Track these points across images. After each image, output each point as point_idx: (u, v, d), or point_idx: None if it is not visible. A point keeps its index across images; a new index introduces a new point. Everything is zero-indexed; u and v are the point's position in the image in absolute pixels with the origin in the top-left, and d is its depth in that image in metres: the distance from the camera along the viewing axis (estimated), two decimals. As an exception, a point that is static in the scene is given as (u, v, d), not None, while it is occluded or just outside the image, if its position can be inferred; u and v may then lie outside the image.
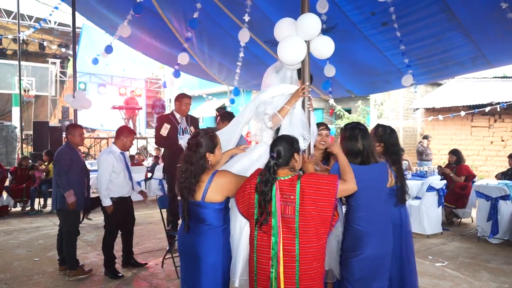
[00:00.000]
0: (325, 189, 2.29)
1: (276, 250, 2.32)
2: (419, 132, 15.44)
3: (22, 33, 13.46)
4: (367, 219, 2.71)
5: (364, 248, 2.67)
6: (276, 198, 2.35)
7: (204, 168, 2.56)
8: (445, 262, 5.15)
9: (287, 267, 2.30)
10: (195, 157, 2.55)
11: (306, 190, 2.30)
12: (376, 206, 2.77)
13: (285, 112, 2.89)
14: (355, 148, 2.76)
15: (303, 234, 2.30)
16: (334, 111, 13.47)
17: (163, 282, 4.48)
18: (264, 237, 2.39)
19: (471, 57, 5.72)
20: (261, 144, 3.01)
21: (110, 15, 6.82)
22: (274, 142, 2.53)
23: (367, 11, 5.07)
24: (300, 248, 2.30)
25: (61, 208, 4.58)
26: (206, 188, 2.50)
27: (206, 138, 2.60)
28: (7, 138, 13.87)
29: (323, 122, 3.84)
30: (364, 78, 7.18)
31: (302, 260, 2.29)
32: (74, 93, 7.04)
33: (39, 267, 4.97)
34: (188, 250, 2.59)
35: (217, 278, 2.51)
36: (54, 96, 17.76)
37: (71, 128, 4.87)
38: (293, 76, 3.10)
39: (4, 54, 17.13)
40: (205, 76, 9.09)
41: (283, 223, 2.33)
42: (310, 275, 2.30)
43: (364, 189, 2.64)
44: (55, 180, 4.65)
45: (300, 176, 2.36)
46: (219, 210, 2.54)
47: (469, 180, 7.23)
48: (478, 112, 10.93)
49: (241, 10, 5.08)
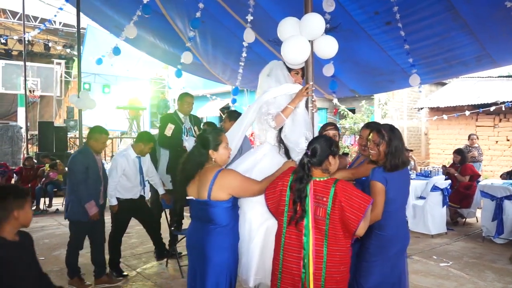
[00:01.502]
0: (357, 204, 2.26)
1: (308, 250, 2.31)
2: (423, 132, 15.39)
3: (27, 33, 13.52)
4: (394, 225, 2.70)
5: (388, 254, 2.68)
6: (310, 198, 2.34)
7: (202, 164, 2.56)
8: (449, 262, 5.13)
9: (316, 268, 2.30)
10: (197, 152, 2.59)
11: (339, 196, 2.27)
12: (402, 211, 2.81)
13: (288, 112, 2.89)
14: (399, 150, 2.69)
15: (332, 237, 2.29)
16: (338, 111, 13.45)
17: (167, 281, 4.50)
18: (292, 236, 2.38)
19: (475, 56, 5.69)
20: (265, 144, 3.02)
21: (114, 16, 6.85)
22: (311, 141, 2.52)
23: (371, 11, 5.05)
24: (328, 250, 2.29)
25: (69, 218, 4.34)
26: (210, 186, 2.49)
27: (211, 135, 2.62)
28: (13, 138, 13.95)
29: (331, 122, 3.83)
30: (368, 78, 7.16)
31: (329, 263, 2.29)
32: (79, 94, 7.08)
33: (45, 266, 4.94)
34: (196, 248, 2.59)
35: (223, 277, 2.51)
36: (59, 97, 17.84)
37: (97, 134, 4.34)
38: (284, 73, 3.09)
39: (9, 55, 17.23)
40: (209, 76, 9.10)
41: (315, 224, 2.33)
42: (335, 278, 2.30)
43: (398, 196, 2.68)
44: (71, 188, 4.29)
45: (337, 181, 2.33)
46: (227, 208, 2.53)
47: (473, 180, 7.20)
48: (483, 111, 10.87)
49: (245, 10, 5.08)
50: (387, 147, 2.66)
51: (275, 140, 2.99)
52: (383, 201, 2.61)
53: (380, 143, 2.68)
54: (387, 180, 2.63)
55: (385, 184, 2.61)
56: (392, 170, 2.64)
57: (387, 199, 2.62)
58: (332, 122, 3.87)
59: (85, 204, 4.13)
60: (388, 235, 2.67)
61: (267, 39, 5.99)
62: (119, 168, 4.50)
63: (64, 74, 17.98)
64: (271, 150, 2.96)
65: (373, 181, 2.65)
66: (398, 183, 2.68)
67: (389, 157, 2.65)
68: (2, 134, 13.74)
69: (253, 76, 7.93)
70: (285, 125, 2.93)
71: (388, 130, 2.71)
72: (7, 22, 16.72)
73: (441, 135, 13.07)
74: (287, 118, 2.89)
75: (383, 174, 2.64)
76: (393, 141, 2.67)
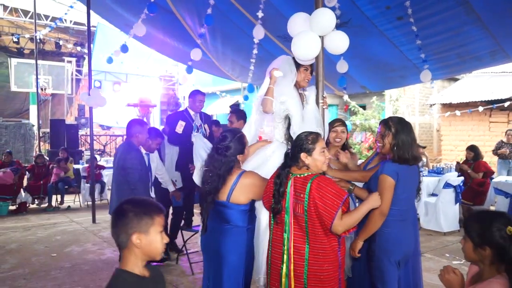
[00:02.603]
0: (330, 201, 2.21)
1: (288, 247, 2.30)
2: (435, 128, 15.21)
3: (38, 32, 13.66)
4: (401, 222, 2.58)
5: (397, 251, 2.55)
6: (290, 194, 2.33)
7: (231, 170, 2.54)
8: (462, 260, 5.06)
9: (296, 265, 2.28)
10: (225, 161, 2.53)
11: (313, 193, 2.24)
12: (411, 207, 2.70)
13: (270, 92, 2.89)
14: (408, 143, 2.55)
15: (312, 234, 2.26)
16: (349, 108, 13.35)
17: (178, 278, 4.51)
18: (278, 232, 2.39)
19: (489, 51, 5.59)
20: (274, 142, 3.02)
21: (124, 14, 6.87)
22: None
23: (382, 6, 4.98)
24: (310, 248, 2.26)
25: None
26: (231, 189, 2.49)
27: (235, 142, 2.59)
28: (25, 136, 14.14)
29: (339, 118, 3.77)
30: (379, 74, 7.08)
31: (311, 260, 2.25)
32: (89, 91, 7.12)
33: (57, 263, 5.05)
34: (211, 248, 2.57)
35: (239, 277, 2.50)
36: (70, 94, 18.02)
37: (142, 127, 4.18)
38: (292, 69, 3.08)
39: (21, 53, 17.45)
40: (219, 73, 9.09)
41: (295, 220, 2.31)
42: (319, 276, 2.25)
43: (405, 192, 2.55)
44: (126, 186, 3.98)
45: (315, 177, 2.30)
46: (244, 211, 2.53)
47: (487, 177, 7.09)
48: (496, 107, 10.69)
49: (254, 6, 5.05)
50: (393, 139, 2.54)
51: (284, 138, 2.97)
52: (391, 197, 2.46)
53: (386, 135, 2.58)
54: (398, 174, 2.49)
55: (396, 178, 2.48)
56: (401, 163, 2.51)
57: (395, 194, 2.49)
58: (340, 118, 3.81)
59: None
60: (391, 232, 2.54)
61: (277, 35, 5.95)
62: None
63: (75, 72, 18.14)
64: (280, 148, 2.95)
65: (384, 175, 2.50)
66: (406, 179, 2.55)
67: (395, 150, 2.53)
68: (14, 132, 13.94)
69: (263, 73, 7.92)
70: (294, 122, 2.90)
71: (396, 122, 2.60)
72: (19, 21, 16.90)
73: (454, 131, 12.91)
74: (272, 98, 2.88)
75: (394, 168, 2.50)
76: (400, 133, 2.54)
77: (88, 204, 8.54)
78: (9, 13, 16.22)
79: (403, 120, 2.65)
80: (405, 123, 2.62)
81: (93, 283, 4.36)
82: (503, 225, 1.79)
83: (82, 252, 5.48)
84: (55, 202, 9.03)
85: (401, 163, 2.51)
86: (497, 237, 1.79)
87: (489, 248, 1.82)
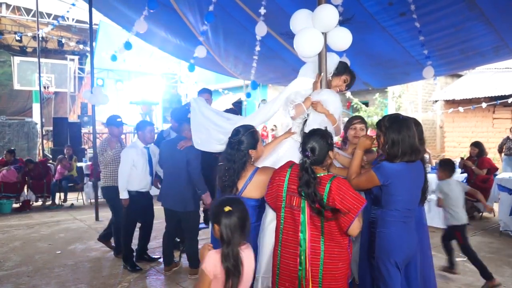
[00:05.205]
0: (350, 204, 2.19)
1: (305, 247, 2.28)
2: (438, 125, 15.17)
3: (41, 30, 13.68)
4: (402, 223, 2.53)
5: (397, 252, 2.50)
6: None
7: (245, 165, 2.57)
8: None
9: (312, 265, 2.26)
10: (238, 155, 2.56)
11: (333, 195, 2.20)
12: (414, 209, 2.63)
13: (308, 103, 2.86)
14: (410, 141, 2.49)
15: (328, 233, 2.25)
16: (351, 104, 13.33)
17: (180, 275, 4.52)
18: (290, 232, 2.35)
19: (493, 47, 5.56)
20: (288, 140, 3.00)
21: (126, 11, 6.86)
22: (306, 138, 2.35)
23: (385, 2, 4.96)
24: (325, 247, 2.25)
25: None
26: (246, 184, 2.53)
27: (247, 136, 2.61)
28: (28, 134, 14.20)
29: (358, 115, 3.71)
30: (381, 70, 7.05)
31: (326, 259, 2.25)
32: (92, 89, 7.12)
33: (60, 260, 5.07)
34: None
35: None
36: (73, 93, 18.06)
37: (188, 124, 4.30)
38: (315, 70, 3.05)
39: (24, 52, 17.48)
40: (221, 70, 9.08)
41: (310, 220, 2.29)
42: (334, 275, 2.25)
43: (403, 194, 2.50)
44: (197, 180, 4.25)
45: (333, 178, 2.25)
46: (254, 207, 2.55)
47: (491, 173, 7.06)
48: (500, 103, 10.66)
49: (256, 3, 5.04)
50: (384, 139, 2.52)
51: (298, 135, 2.91)
52: (365, 181, 2.52)
53: (379, 136, 2.56)
54: (391, 177, 2.45)
55: (386, 181, 2.46)
56: (394, 161, 2.46)
57: (390, 195, 2.48)
58: (360, 115, 3.74)
59: (204, 193, 4.33)
60: (391, 232, 2.51)
61: (279, 32, 5.94)
62: (128, 159, 4.56)
63: (78, 70, 18.16)
64: (293, 146, 2.91)
65: (372, 172, 2.50)
66: (405, 180, 2.49)
67: (385, 149, 2.50)
68: (18, 130, 14.00)
69: (265, 70, 7.91)
70: (311, 120, 2.82)
71: (386, 121, 2.55)
72: (21, 19, 16.93)
73: (457, 128, 12.87)
74: (307, 109, 2.85)
75: (387, 171, 2.46)
76: (389, 132, 2.49)
77: (91, 202, 8.56)
78: (11, 12, 16.25)
79: (396, 118, 2.57)
80: (397, 121, 2.54)
81: (96, 280, 4.36)
82: None
83: (85, 250, 5.49)
84: (59, 200, 9.06)
85: (394, 161, 2.48)
86: None
87: None
